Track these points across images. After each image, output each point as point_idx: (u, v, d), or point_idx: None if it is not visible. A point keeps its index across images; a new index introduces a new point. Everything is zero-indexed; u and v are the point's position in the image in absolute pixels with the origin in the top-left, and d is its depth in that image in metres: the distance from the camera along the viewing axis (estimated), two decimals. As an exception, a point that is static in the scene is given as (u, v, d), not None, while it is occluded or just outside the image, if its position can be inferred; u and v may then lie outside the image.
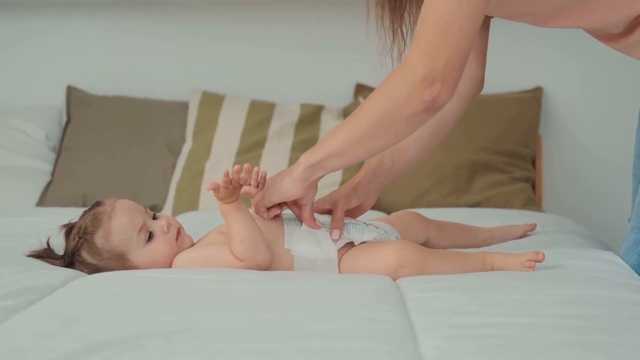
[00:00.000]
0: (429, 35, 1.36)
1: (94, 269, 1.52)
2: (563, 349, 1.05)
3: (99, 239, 1.51)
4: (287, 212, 1.59)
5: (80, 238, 1.53)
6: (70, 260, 1.54)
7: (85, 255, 1.53)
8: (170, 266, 1.53)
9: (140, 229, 1.52)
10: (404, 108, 1.40)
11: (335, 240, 1.53)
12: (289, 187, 1.50)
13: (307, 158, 1.48)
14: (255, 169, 1.49)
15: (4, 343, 1.07)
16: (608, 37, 1.58)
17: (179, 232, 1.55)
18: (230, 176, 1.44)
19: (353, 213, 1.65)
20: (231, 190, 1.46)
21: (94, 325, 1.13)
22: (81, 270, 1.52)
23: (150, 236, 1.53)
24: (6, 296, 1.29)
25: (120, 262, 1.51)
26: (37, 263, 1.55)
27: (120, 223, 1.51)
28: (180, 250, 1.54)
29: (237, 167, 1.44)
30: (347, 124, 1.46)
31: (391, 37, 1.55)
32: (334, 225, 1.54)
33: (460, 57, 1.37)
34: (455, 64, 1.36)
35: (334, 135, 1.47)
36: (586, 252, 1.61)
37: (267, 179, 1.51)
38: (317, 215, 1.57)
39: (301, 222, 1.55)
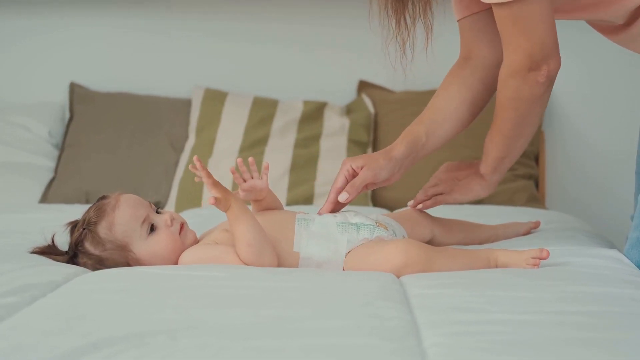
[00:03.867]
0: (515, 37, 1.50)
1: (96, 261, 1.52)
2: (566, 346, 1.05)
3: (102, 230, 1.52)
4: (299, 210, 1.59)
5: (84, 229, 1.54)
6: (73, 252, 1.55)
7: (88, 246, 1.53)
8: (173, 261, 1.53)
9: (144, 221, 1.53)
10: (530, 97, 1.56)
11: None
12: None
13: None
14: (250, 159, 1.54)
15: (6, 340, 1.07)
16: (610, 29, 1.58)
17: (182, 226, 1.55)
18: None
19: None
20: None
21: (96, 322, 1.13)
22: (84, 264, 1.53)
23: (153, 229, 1.53)
24: (9, 293, 1.29)
25: (123, 253, 1.52)
26: (40, 260, 1.55)
27: (124, 214, 1.52)
28: (183, 244, 1.54)
29: (232, 168, 1.50)
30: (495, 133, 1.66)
31: (395, 26, 1.55)
32: (348, 189, 1.63)
33: (549, 40, 1.52)
34: (546, 46, 1.52)
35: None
36: (589, 249, 1.61)
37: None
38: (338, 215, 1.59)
39: (314, 221, 1.55)
